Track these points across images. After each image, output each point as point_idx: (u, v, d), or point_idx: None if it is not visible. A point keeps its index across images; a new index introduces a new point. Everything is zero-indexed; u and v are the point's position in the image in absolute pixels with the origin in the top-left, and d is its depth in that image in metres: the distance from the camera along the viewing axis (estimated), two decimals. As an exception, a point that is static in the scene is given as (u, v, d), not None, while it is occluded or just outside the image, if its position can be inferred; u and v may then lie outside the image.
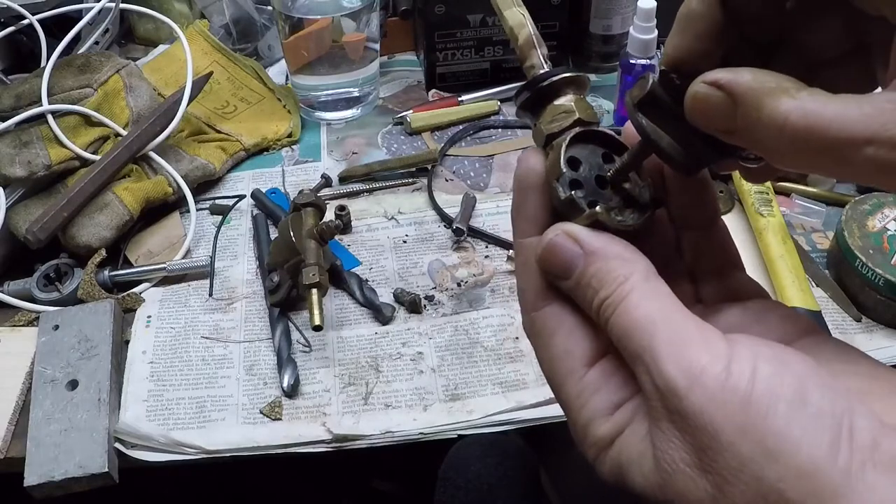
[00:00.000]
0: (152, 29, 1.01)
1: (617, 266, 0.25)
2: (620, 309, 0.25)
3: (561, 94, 0.29)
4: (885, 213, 0.65)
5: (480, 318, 0.66)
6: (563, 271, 0.26)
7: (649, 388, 0.23)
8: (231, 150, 0.83)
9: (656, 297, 0.25)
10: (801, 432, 0.21)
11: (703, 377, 0.22)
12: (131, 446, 0.57)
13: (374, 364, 0.63)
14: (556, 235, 0.27)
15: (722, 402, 0.21)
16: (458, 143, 0.86)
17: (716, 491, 0.22)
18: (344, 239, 0.74)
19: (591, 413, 0.26)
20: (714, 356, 0.22)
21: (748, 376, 0.22)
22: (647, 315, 0.24)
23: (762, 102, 0.23)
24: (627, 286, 0.25)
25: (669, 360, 0.23)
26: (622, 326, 0.24)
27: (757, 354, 0.22)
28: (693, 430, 0.22)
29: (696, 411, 0.22)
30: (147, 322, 0.67)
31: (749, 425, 0.21)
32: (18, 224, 0.70)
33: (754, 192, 0.72)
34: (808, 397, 0.21)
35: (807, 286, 0.63)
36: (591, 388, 0.26)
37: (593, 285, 0.26)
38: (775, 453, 0.21)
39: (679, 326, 0.23)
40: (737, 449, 0.21)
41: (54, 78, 0.77)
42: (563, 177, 0.27)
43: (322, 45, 0.84)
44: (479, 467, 0.64)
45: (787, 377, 0.22)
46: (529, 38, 0.30)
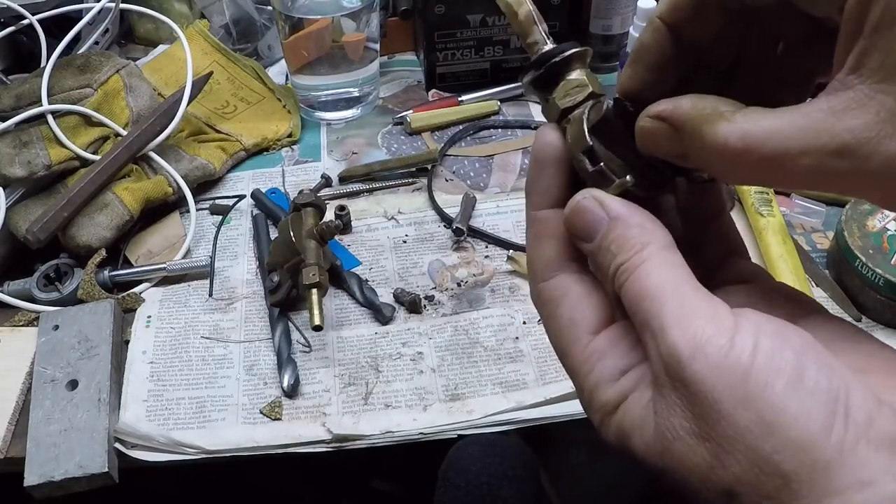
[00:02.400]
0: (152, 29, 1.01)
1: (637, 234, 0.26)
2: (635, 276, 0.25)
3: (571, 68, 0.30)
4: (884, 213, 0.65)
5: (480, 318, 0.66)
6: (587, 234, 0.27)
7: (654, 354, 0.24)
8: (231, 150, 0.83)
9: (671, 267, 0.25)
10: (798, 406, 0.21)
11: (706, 347, 0.22)
12: (131, 446, 0.57)
13: (374, 364, 0.63)
14: (585, 199, 0.27)
15: (723, 372, 0.22)
16: (458, 143, 0.86)
17: (713, 459, 0.22)
18: (344, 239, 0.74)
19: (597, 378, 0.26)
20: (719, 328, 0.23)
21: (750, 349, 0.22)
22: (659, 284, 0.25)
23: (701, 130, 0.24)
24: (645, 254, 0.26)
25: (676, 329, 0.23)
26: (635, 292, 0.25)
27: (760, 328, 0.23)
28: (694, 398, 0.22)
29: (698, 380, 0.22)
30: (147, 322, 0.67)
31: (748, 397, 0.21)
32: (18, 224, 0.70)
33: (754, 192, 0.72)
34: (806, 373, 0.22)
35: (807, 286, 0.63)
36: (597, 354, 0.27)
37: (612, 250, 0.26)
38: (772, 425, 0.21)
39: (689, 297, 0.24)
40: (735, 419, 0.22)
41: (54, 78, 0.77)
42: (589, 149, 0.28)
43: (322, 45, 0.84)
44: (479, 467, 0.64)
45: (787, 352, 0.22)
46: (529, 15, 0.30)
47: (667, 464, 0.23)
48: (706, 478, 0.22)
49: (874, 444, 0.21)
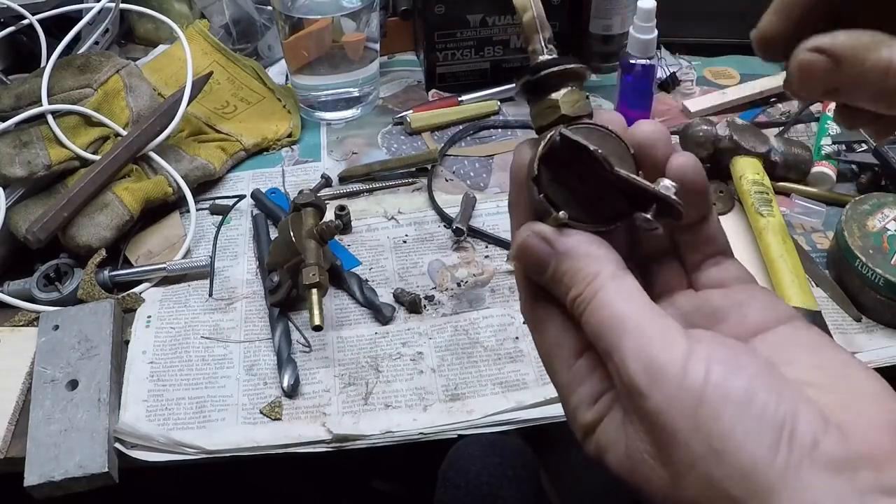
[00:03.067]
0: (152, 29, 1.01)
1: (586, 264, 0.27)
2: (591, 307, 0.26)
3: (554, 86, 0.29)
4: (885, 213, 0.65)
5: (480, 318, 0.66)
6: (537, 269, 0.28)
7: (618, 384, 0.25)
8: (231, 150, 0.83)
9: (623, 295, 0.26)
10: (744, 433, 0.22)
11: (662, 378, 0.24)
12: (131, 446, 0.57)
13: (374, 364, 0.63)
14: (528, 236, 0.28)
15: (678, 402, 0.23)
16: (458, 143, 0.86)
17: (671, 482, 0.24)
18: (344, 239, 0.74)
19: (577, 401, 0.28)
20: (673, 356, 0.24)
21: (702, 378, 0.23)
22: (613, 314, 0.26)
23: (864, 57, 0.25)
24: (596, 284, 0.26)
25: (633, 362, 0.24)
26: (592, 325, 0.26)
27: (712, 356, 0.24)
28: (654, 427, 0.24)
29: (655, 410, 0.23)
30: (147, 322, 0.67)
31: (700, 425, 0.23)
32: (18, 224, 0.70)
33: (754, 192, 0.72)
34: (754, 399, 0.23)
35: (807, 286, 0.63)
36: (578, 378, 0.28)
37: (565, 282, 0.27)
38: (721, 453, 0.22)
39: (644, 326, 0.25)
40: (690, 447, 0.23)
41: (54, 78, 0.77)
42: (535, 178, 0.28)
43: (322, 45, 0.84)
44: (479, 467, 0.64)
45: (737, 380, 0.23)
46: (532, 22, 0.30)
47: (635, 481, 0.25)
48: (667, 497, 0.24)
49: (818, 466, 0.22)
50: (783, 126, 0.86)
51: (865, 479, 0.22)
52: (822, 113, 0.85)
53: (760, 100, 0.90)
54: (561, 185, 0.28)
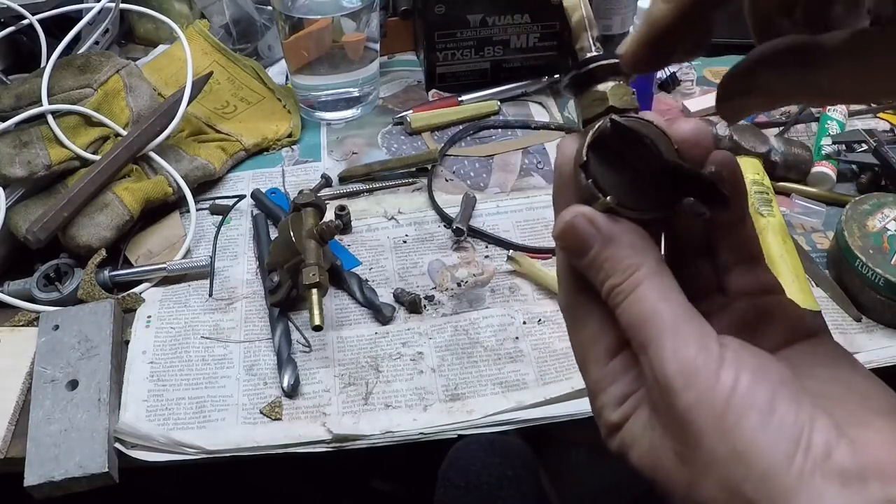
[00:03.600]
0: (152, 29, 1.01)
1: (629, 254, 0.27)
2: (630, 299, 0.26)
3: (601, 79, 0.30)
4: (885, 213, 0.65)
5: (480, 318, 0.66)
6: (579, 250, 0.28)
7: (651, 380, 0.26)
8: (231, 150, 0.83)
9: (663, 291, 0.26)
10: (765, 439, 0.23)
11: (696, 379, 0.24)
12: (131, 446, 0.57)
13: (374, 364, 0.63)
14: (575, 216, 0.28)
15: (708, 404, 0.24)
16: (458, 143, 0.86)
17: (692, 480, 0.24)
18: (344, 239, 0.74)
19: (605, 400, 0.28)
20: (707, 361, 0.25)
21: (731, 384, 0.24)
22: (653, 309, 0.26)
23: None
24: (638, 276, 0.27)
25: (670, 361, 0.25)
26: (630, 317, 0.26)
27: (741, 363, 0.25)
28: (682, 425, 0.24)
29: (686, 409, 0.24)
30: (147, 322, 0.67)
31: (725, 429, 0.24)
32: (18, 224, 0.70)
33: (754, 192, 0.72)
34: (776, 407, 0.24)
35: (807, 286, 0.63)
36: (609, 377, 0.28)
37: (605, 269, 0.27)
38: (742, 456, 0.23)
39: (682, 327, 0.26)
40: (713, 448, 0.24)
41: (54, 78, 0.77)
42: (584, 164, 0.28)
43: (322, 45, 0.84)
44: (479, 467, 0.64)
45: (762, 387, 0.24)
46: (581, 21, 0.31)
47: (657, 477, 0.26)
48: (685, 495, 0.25)
49: (829, 475, 0.23)
50: (783, 126, 0.86)
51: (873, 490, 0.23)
52: (823, 113, 0.85)
53: (760, 100, 0.90)
54: (609, 173, 0.28)
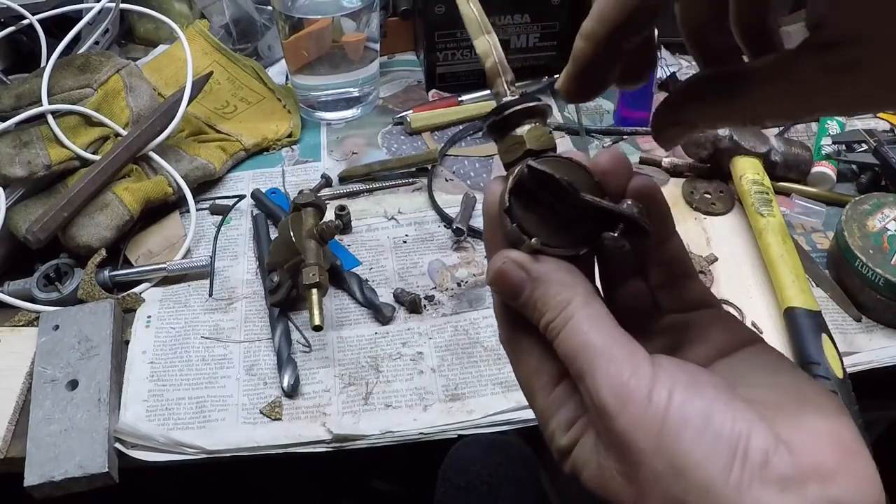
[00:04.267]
0: (152, 29, 1.01)
1: (559, 291, 0.28)
2: (564, 332, 0.28)
3: (518, 123, 0.31)
4: (885, 213, 0.65)
5: (480, 318, 0.66)
6: (512, 294, 0.29)
7: (589, 405, 0.27)
8: (231, 150, 0.83)
9: (594, 321, 0.28)
10: (702, 453, 0.24)
11: (629, 403, 0.25)
12: (131, 446, 0.57)
13: (374, 364, 0.63)
14: (504, 262, 0.29)
15: (643, 424, 0.25)
16: (458, 143, 0.86)
17: (637, 498, 0.25)
18: (344, 239, 0.74)
19: (554, 426, 0.29)
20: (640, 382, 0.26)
21: (664, 403, 0.25)
22: (585, 340, 0.27)
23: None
24: (569, 311, 0.28)
25: (604, 386, 0.26)
26: (565, 350, 0.28)
27: (674, 380, 0.26)
28: (621, 446, 0.25)
29: (623, 431, 0.25)
30: (147, 322, 0.67)
31: (662, 446, 0.25)
32: (18, 224, 0.70)
33: (754, 192, 0.72)
34: (711, 420, 0.25)
35: (807, 286, 0.63)
36: (554, 405, 0.29)
37: (539, 308, 0.29)
38: (681, 471, 0.24)
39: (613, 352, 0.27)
40: (653, 466, 0.25)
41: (54, 78, 0.77)
42: (507, 209, 0.29)
43: (322, 45, 0.84)
44: (479, 467, 0.64)
45: (695, 402, 0.25)
46: (494, 67, 0.32)
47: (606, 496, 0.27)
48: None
49: (768, 483, 0.24)
50: (783, 126, 0.86)
51: (811, 491, 0.24)
52: (822, 113, 0.85)
53: (760, 100, 0.90)
54: (532, 215, 0.30)
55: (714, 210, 0.75)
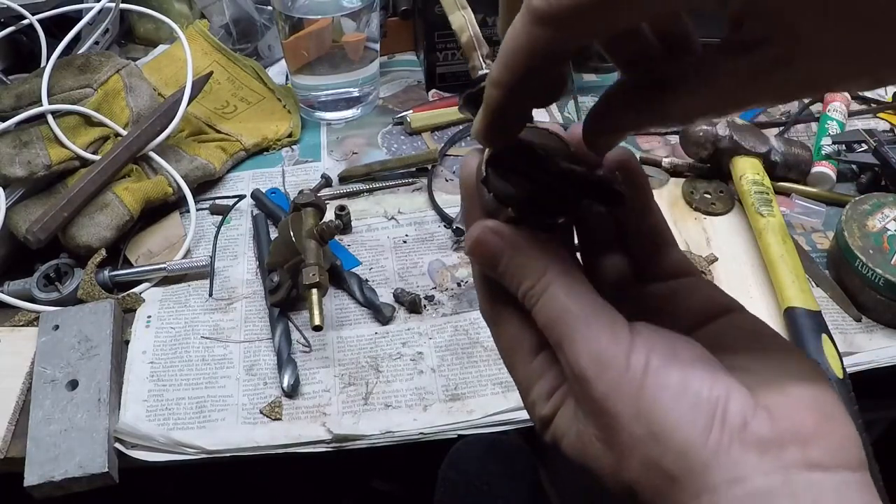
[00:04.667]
0: (152, 29, 1.01)
1: (537, 260, 0.28)
2: (542, 300, 0.28)
3: None
4: (885, 213, 0.65)
5: (480, 318, 0.65)
6: (490, 263, 0.29)
7: (568, 373, 0.27)
8: (231, 150, 0.83)
9: (572, 289, 0.28)
10: (680, 417, 0.24)
11: (607, 369, 0.26)
12: (131, 446, 0.57)
13: (374, 364, 0.63)
14: (482, 231, 0.29)
15: (621, 390, 0.25)
16: (458, 143, 0.86)
17: (617, 463, 0.26)
18: (344, 239, 0.74)
19: (534, 396, 0.30)
20: (618, 348, 0.26)
21: (642, 368, 0.25)
22: (563, 307, 0.27)
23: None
24: (547, 279, 0.28)
25: (582, 352, 0.26)
26: (544, 317, 0.28)
27: (652, 346, 0.26)
28: (600, 412, 0.26)
29: (601, 397, 0.26)
30: (147, 322, 0.67)
31: (641, 411, 0.25)
32: (18, 224, 0.70)
33: (754, 192, 0.72)
34: (689, 385, 0.25)
35: (807, 286, 0.63)
36: (535, 375, 0.30)
37: (517, 277, 0.29)
38: (659, 435, 0.24)
39: (592, 319, 0.27)
40: (632, 430, 0.25)
41: (54, 78, 0.77)
42: (484, 179, 0.29)
43: (322, 45, 0.84)
44: (478, 467, 0.64)
45: (673, 367, 0.25)
46: (470, 41, 0.32)
47: (587, 462, 0.27)
48: (612, 477, 0.26)
49: (746, 445, 0.24)
50: (783, 126, 0.86)
51: (791, 454, 0.24)
52: (823, 113, 0.85)
53: (760, 100, 0.90)
54: (509, 186, 0.29)
55: (714, 210, 0.75)
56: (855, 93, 0.89)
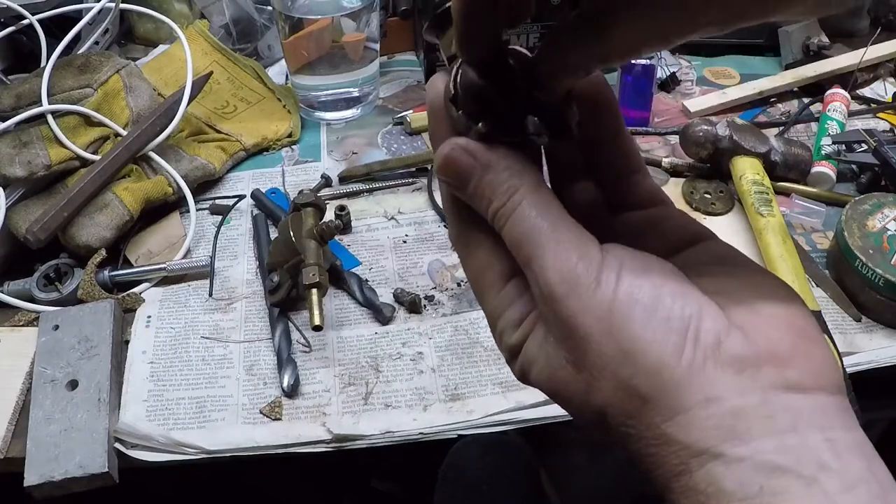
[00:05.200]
0: (152, 29, 1.01)
1: (507, 177, 0.27)
2: (512, 219, 0.27)
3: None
4: (885, 213, 0.65)
5: (480, 318, 0.66)
6: (461, 181, 0.28)
7: (537, 293, 0.26)
8: (231, 150, 0.83)
9: (542, 207, 0.27)
10: (652, 335, 0.24)
11: (577, 286, 0.25)
12: (131, 446, 0.57)
13: (374, 364, 0.63)
14: (452, 149, 0.28)
15: (591, 308, 0.24)
16: (458, 143, 0.86)
17: (586, 385, 0.25)
18: (344, 239, 0.74)
19: (504, 324, 0.29)
20: (588, 267, 0.25)
21: (613, 285, 0.24)
22: (533, 225, 0.26)
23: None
24: (517, 197, 0.27)
25: (551, 271, 0.25)
26: (514, 236, 0.27)
27: (622, 264, 0.25)
28: (570, 332, 0.25)
29: (570, 315, 0.25)
30: (147, 322, 0.67)
31: (612, 329, 0.24)
32: (18, 224, 0.70)
33: (754, 192, 0.72)
34: (661, 303, 0.24)
35: (807, 286, 0.63)
36: (505, 302, 0.29)
37: (487, 195, 0.28)
38: (630, 353, 0.24)
39: (562, 236, 0.26)
40: (602, 350, 0.24)
41: (54, 78, 0.77)
42: (453, 97, 0.29)
43: (322, 45, 0.84)
44: (479, 467, 0.64)
45: (644, 285, 0.24)
46: None
47: (555, 389, 0.26)
48: (582, 402, 0.25)
49: (721, 364, 0.23)
50: (783, 126, 0.86)
51: (767, 375, 0.23)
52: (823, 113, 0.85)
53: (760, 100, 0.90)
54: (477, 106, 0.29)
55: (714, 210, 0.75)
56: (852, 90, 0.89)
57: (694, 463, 0.23)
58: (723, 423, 0.22)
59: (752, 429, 0.22)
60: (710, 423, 0.23)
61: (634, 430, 0.24)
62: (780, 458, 0.22)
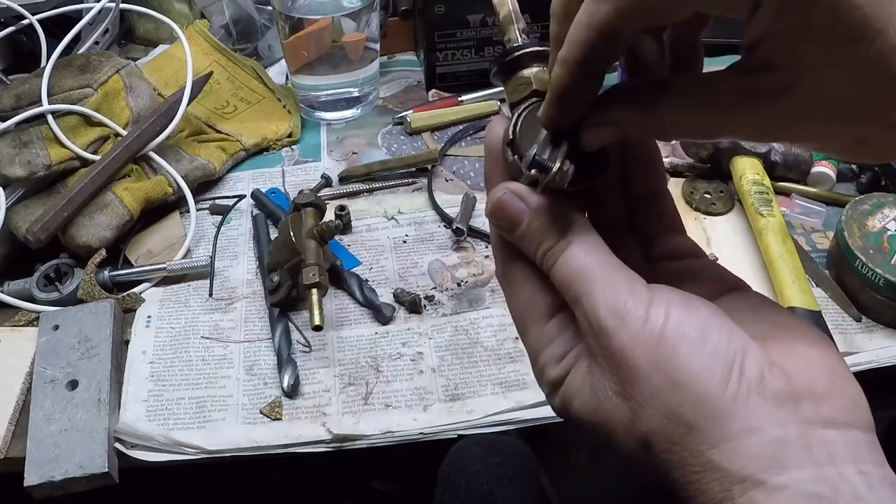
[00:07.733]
0: (152, 29, 1.01)
1: (557, 221, 0.29)
2: (561, 259, 0.29)
3: (526, 65, 0.32)
4: (885, 213, 0.65)
5: (480, 318, 0.66)
6: (510, 224, 0.30)
7: (586, 327, 0.28)
8: (231, 150, 0.83)
9: (591, 248, 0.29)
10: (699, 366, 0.25)
11: (627, 319, 0.26)
12: (131, 446, 0.57)
13: (374, 364, 0.63)
14: (504, 193, 0.30)
15: (641, 341, 0.26)
16: (458, 143, 0.86)
17: (633, 414, 0.26)
18: (344, 239, 0.74)
19: (545, 359, 0.30)
20: (637, 302, 0.27)
21: (662, 319, 0.26)
22: (584, 265, 0.28)
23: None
24: (567, 238, 0.29)
25: (602, 305, 0.27)
26: (564, 274, 0.28)
27: (670, 301, 0.27)
28: (619, 364, 0.26)
29: (620, 348, 0.26)
30: (147, 322, 0.67)
31: (660, 360, 0.25)
32: (18, 224, 0.70)
33: (754, 192, 0.72)
34: (708, 337, 0.26)
35: (807, 286, 0.63)
36: (547, 338, 0.30)
37: (537, 237, 0.29)
38: (678, 384, 0.25)
39: (611, 276, 0.28)
40: (650, 380, 0.25)
41: (54, 78, 0.77)
42: (510, 142, 0.30)
43: (322, 45, 0.84)
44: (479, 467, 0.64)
45: (693, 320, 0.26)
46: (508, 15, 0.33)
47: (599, 419, 0.27)
48: (627, 431, 0.26)
49: (763, 397, 0.25)
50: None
51: (805, 410, 0.25)
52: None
53: (760, 100, 0.90)
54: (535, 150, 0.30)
55: (714, 210, 0.75)
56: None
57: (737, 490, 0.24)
58: (764, 451, 0.24)
59: (792, 458, 0.24)
60: (753, 452, 0.24)
61: (678, 456, 0.25)
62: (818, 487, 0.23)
